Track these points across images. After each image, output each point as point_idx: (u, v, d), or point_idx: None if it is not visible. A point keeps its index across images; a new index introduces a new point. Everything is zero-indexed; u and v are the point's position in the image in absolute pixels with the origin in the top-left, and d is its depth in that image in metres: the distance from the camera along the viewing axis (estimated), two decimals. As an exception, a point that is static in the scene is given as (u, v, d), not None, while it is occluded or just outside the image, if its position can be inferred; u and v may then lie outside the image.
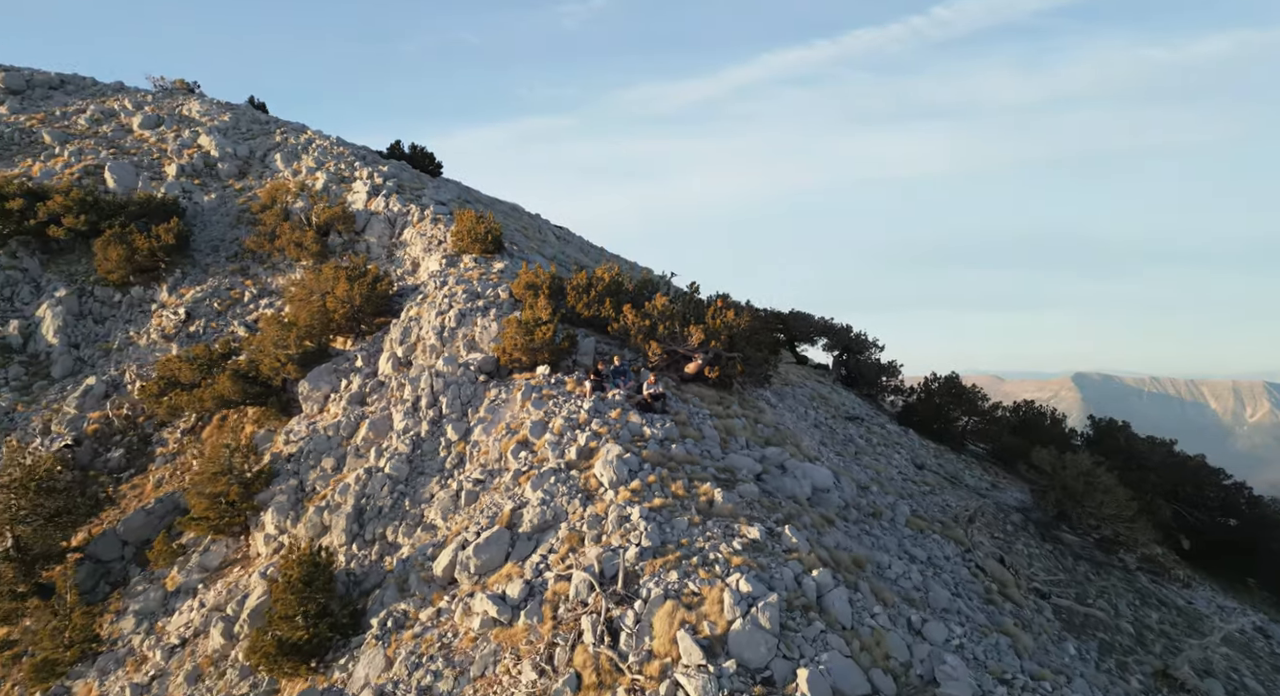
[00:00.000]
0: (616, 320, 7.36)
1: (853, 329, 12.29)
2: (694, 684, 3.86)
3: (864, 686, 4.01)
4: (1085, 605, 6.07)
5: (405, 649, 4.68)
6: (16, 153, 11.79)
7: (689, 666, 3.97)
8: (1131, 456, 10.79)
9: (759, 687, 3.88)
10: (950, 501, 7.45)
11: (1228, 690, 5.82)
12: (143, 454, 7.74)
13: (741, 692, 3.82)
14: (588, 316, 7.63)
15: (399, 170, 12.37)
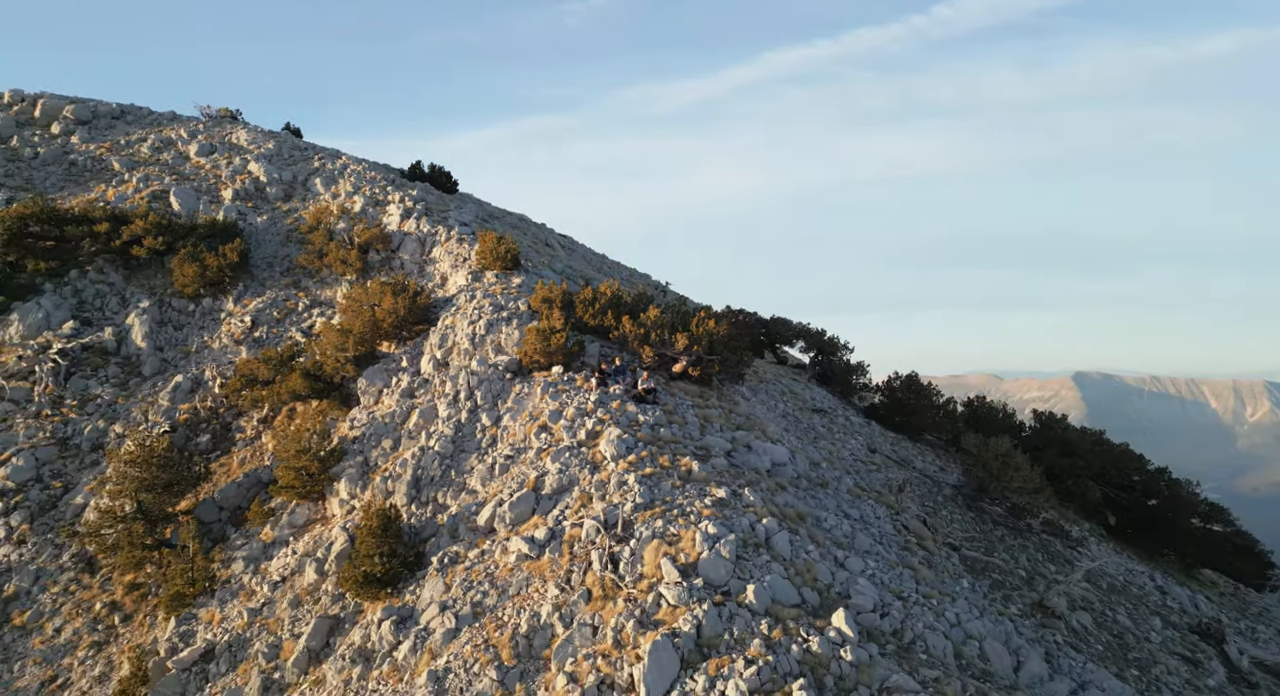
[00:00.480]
0: (617, 328, 8.95)
1: (826, 333, 13.89)
2: (672, 593, 5.46)
3: (795, 598, 5.62)
4: (988, 556, 7.65)
5: (459, 577, 6.29)
6: (90, 179, 13.42)
7: (669, 583, 5.57)
8: (1066, 445, 12.34)
9: (718, 596, 5.48)
10: (893, 477, 9.03)
11: (1098, 622, 7.37)
12: (225, 439, 9.35)
13: (705, 599, 5.42)
14: (593, 325, 9.22)
15: (425, 193, 13.98)
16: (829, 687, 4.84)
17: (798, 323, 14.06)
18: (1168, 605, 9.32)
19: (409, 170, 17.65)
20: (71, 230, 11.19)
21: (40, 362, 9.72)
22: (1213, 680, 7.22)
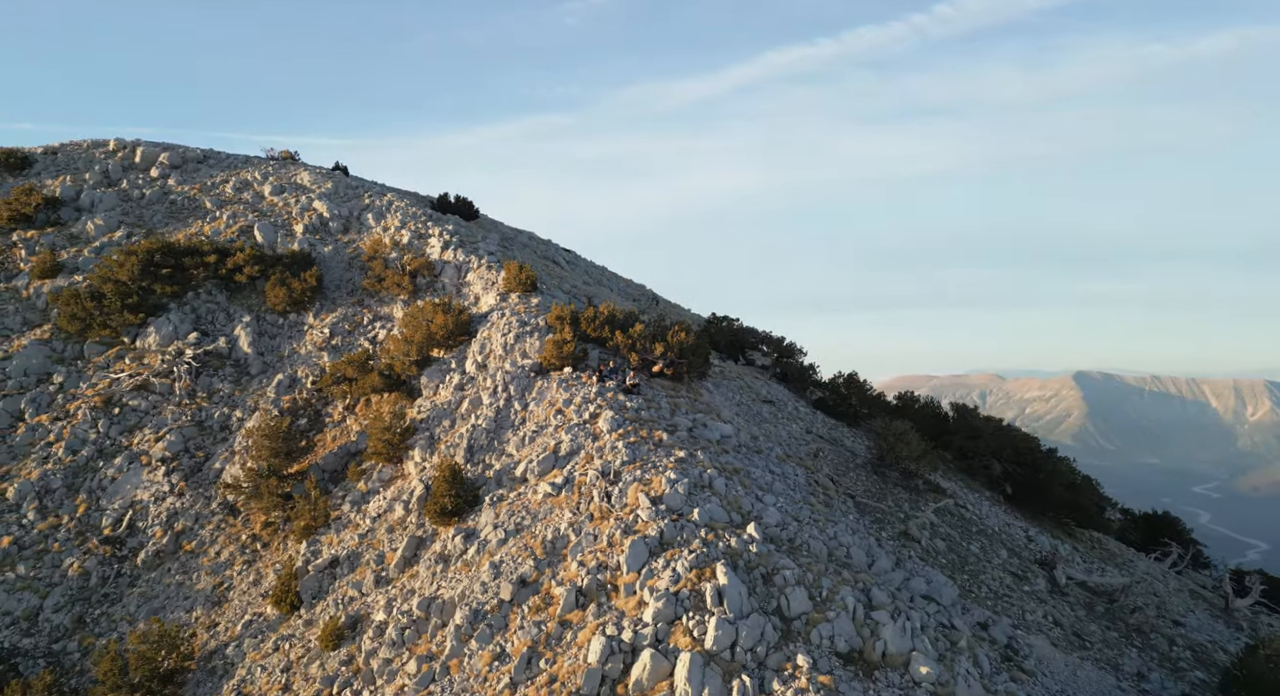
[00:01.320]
0: (612, 339, 12.04)
1: (785, 339, 16.99)
2: (645, 515, 8.55)
3: (725, 518, 8.67)
4: (876, 502, 10.71)
5: (504, 508, 9.39)
6: (187, 215, 16.56)
7: (643, 509, 8.65)
8: (974, 430, 15.37)
9: (674, 516, 8.55)
10: (824, 456, 12.07)
11: (950, 547, 10.38)
12: (318, 422, 12.47)
13: (665, 518, 8.49)
14: (594, 336, 12.31)
15: (458, 226, 17.10)
16: (740, 568, 7.91)
17: (763, 331, 17.17)
18: (1028, 547, 12.35)
19: (437, 201, 20.80)
20: (187, 261, 14.32)
21: (177, 365, 12.84)
22: (1029, 588, 10.26)
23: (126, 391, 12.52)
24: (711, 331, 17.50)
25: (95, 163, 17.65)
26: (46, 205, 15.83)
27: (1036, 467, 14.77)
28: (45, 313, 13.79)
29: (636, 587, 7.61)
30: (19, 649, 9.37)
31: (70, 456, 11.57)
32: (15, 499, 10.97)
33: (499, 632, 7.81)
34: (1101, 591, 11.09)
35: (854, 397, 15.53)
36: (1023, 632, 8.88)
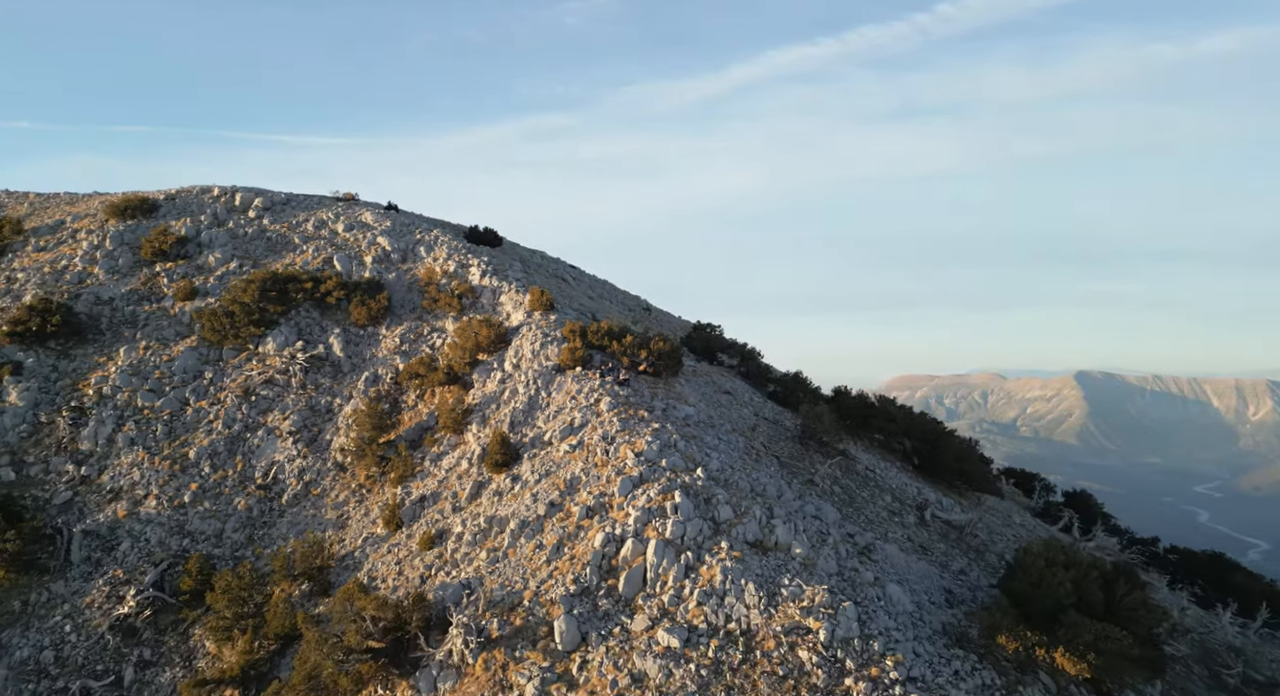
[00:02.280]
0: (610, 346, 16.65)
1: (747, 345, 21.61)
2: (631, 463, 13.21)
3: (683, 465, 13.27)
4: (796, 462, 15.30)
5: (538, 461, 14.02)
6: (281, 249, 21.25)
7: (630, 460, 13.30)
8: (890, 415, 19.87)
9: (649, 463, 13.20)
10: (761, 430, 16.65)
11: (845, 491, 14.93)
12: (396, 407, 17.13)
13: (643, 464, 13.14)
14: (597, 344, 16.91)
15: (491, 256, 21.76)
16: (690, 494, 12.50)
17: (730, 339, 21.85)
18: (915, 497, 16.85)
19: (469, 231, 25.46)
20: (290, 286, 19.02)
21: (291, 365, 17.53)
22: (899, 520, 14.81)
23: (258, 384, 17.22)
24: (691, 339, 22.13)
25: (205, 207, 22.40)
26: (177, 242, 20.54)
27: (936, 444, 19.30)
28: (190, 326, 18.49)
29: (624, 506, 12.25)
30: (214, 555, 14.04)
31: (226, 430, 16.27)
32: (195, 458, 15.69)
33: (538, 533, 12.46)
34: (955, 525, 15.66)
35: (799, 391, 20.13)
36: (881, 542, 13.44)
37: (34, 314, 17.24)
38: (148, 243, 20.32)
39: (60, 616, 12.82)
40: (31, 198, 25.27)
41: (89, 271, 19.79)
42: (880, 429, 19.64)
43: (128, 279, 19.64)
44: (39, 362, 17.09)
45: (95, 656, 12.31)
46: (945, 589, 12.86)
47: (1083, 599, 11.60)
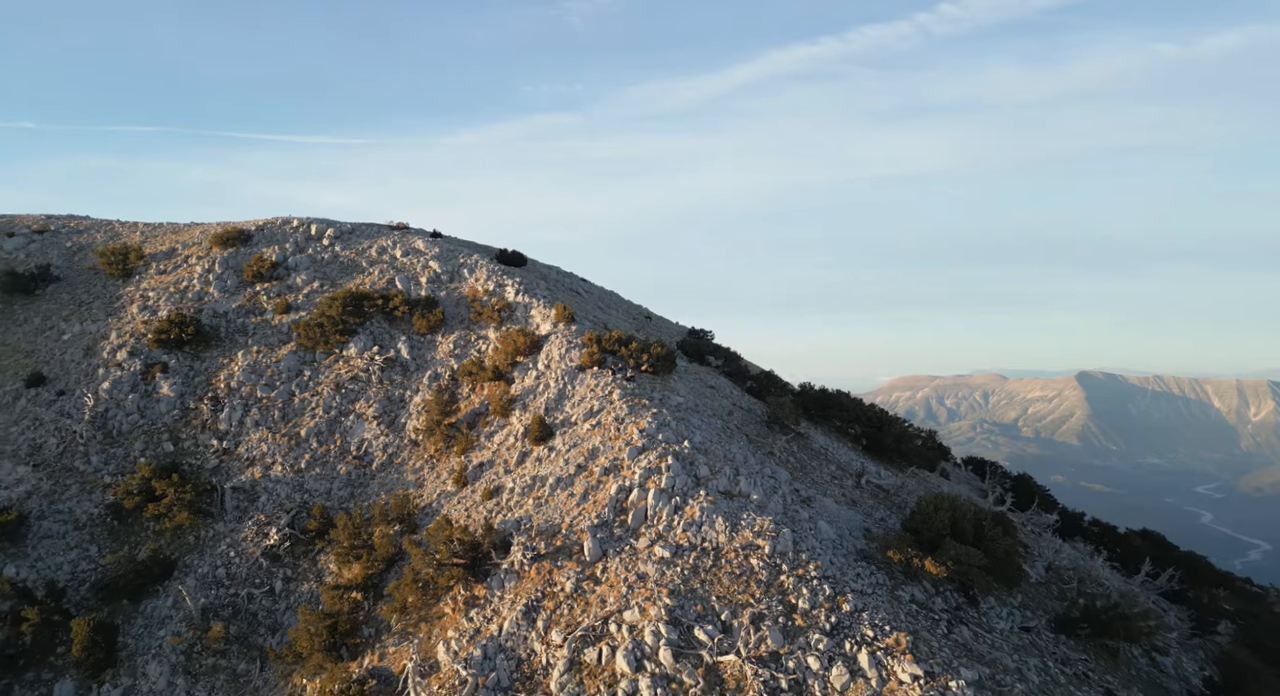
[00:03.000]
0: (619, 351, 21.52)
1: (730, 348, 26.45)
2: (636, 436, 18.12)
3: (675, 439, 18.17)
4: (762, 440, 20.11)
5: (567, 436, 18.90)
6: (353, 271, 26.17)
7: (635, 434, 18.22)
8: (844, 407, 24.68)
9: (649, 438, 18.10)
10: (736, 416, 21.46)
11: (792, 468, 19.66)
12: (454, 398, 22.04)
13: (645, 438, 18.05)
14: (609, 349, 21.79)
15: (521, 276, 26.65)
16: (678, 458, 17.38)
17: (716, 343, 26.72)
18: (855, 469, 21.63)
19: (499, 253, 30.36)
20: (364, 303, 23.95)
21: (371, 365, 22.46)
22: (839, 483, 19.61)
23: (345, 380, 22.16)
24: (685, 343, 27.01)
25: (288, 236, 27.38)
26: (271, 266, 25.51)
27: (880, 428, 24.13)
28: (288, 334, 23.44)
29: (631, 466, 17.12)
30: (327, 506, 18.96)
31: (325, 414, 21.21)
32: (305, 435, 20.65)
33: (569, 486, 17.34)
34: (885, 488, 20.49)
35: (770, 385, 24.99)
36: (820, 496, 18.25)
37: (173, 325, 22.21)
38: (248, 267, 25.31)
39: (225, 546, 17.75)
40: (141, 227, 30.24)
41: (205, 290, 24.80)
42: (835, 416, 24.48)
43: (235, 296, 24.65)
44: (180, 363, 22.08)
45: (253, 574, 17.26)
46: (865, 528, 17.70)
47: (956, 532, 16.48)
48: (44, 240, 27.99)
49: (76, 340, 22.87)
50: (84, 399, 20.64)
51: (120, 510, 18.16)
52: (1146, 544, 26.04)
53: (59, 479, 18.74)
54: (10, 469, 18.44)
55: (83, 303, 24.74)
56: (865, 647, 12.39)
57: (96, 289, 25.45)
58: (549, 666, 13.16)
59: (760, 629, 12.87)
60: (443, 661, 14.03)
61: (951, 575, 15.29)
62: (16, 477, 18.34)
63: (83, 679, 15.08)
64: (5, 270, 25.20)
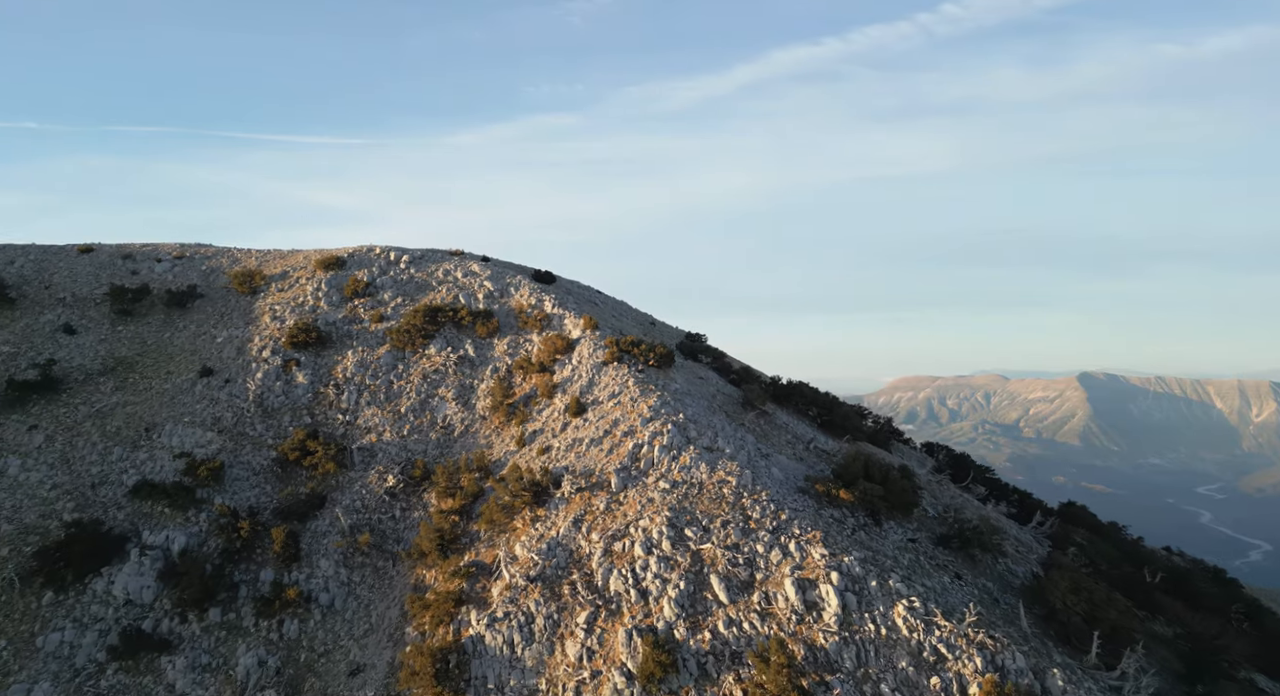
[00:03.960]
0: (632, 351, 29.07)
1: (719, 348, 33.88)
2: (646, 410, 25.79)
3: (674, 412, 25.81)
4: (737, 416, 27.55)
5: (596, 411, 26.45)
6: (425, 289, 33.78)
7: (646, 410, 25.84)
8: (805, 394, 32.09)
9: (655, 411, 25.72)
10: (719, 399, 28.86)
11: (760, 432, 26.94)
12: (510, 385, 29.63)
13: (653, 411, 25.68)
14: (625, 349, 29.33)
15: (555, 292, 34.28)
16: (675, 425, 25.03)
17: (709, 344, 34.22)
18: (806, 438, 29.02)
19: (535, 272, 37.97)
20: (438, 314, 31.59)
21: (447, 362, 30.07)
22: (792, 448, 27.03)
23: (429, 372, 29.79)
24: (682, 344, 34.53)
25: (373, 261, 35.04)
26: (364, 285, 33.17)
27: (831, 410, 31.57)
28: (383, 338, 31.06)
29: (642, 431, 24.70)
30: (426, 461, 26.55)
31: (417, 397, 28.83)
32: (404, 412, 28.29)
33: (599, 444, 24.91)
34: (828, 452, 27.94)
35: (747, 377, 32.49)
36: (776, 453, 25.69)
37: (300, 330, 29.88)
38: (347, 286, 33.00)
39: (358, 487, 25.39)
40: (254, 253, 37.95)
41: (317, 304, 32.49)
42: (797, 400, 31.97)
43: (339, 309, 32.32)
44: (307, 359, 29.75)
45: (380, 505, 24.89)
46: (805, 475, 25.19)
47: (868, 476, 23.97)
48: (183, 264, 35.75)
49: (229, 342, 30.61)
50: (246, 385, 28.38)
51: (285, 462, 25.86)
52: (1063, 509, 33.54)
53: (237, 441, 26.48)
54: (203, 434, 26.20)
55: (224, 314, 32.50)
56: (793, 540, 19.94)
57: (232, 303, 33.22)
58: (590, 554, 20.73)
59: (726, 530, 20.42)
60: (520, 554, 21.61)
61: (859, 502, 22.79)
62: (209, 440, 26.09)
63: (278, 568, 22.77)
64: (164, 289, 32.95)
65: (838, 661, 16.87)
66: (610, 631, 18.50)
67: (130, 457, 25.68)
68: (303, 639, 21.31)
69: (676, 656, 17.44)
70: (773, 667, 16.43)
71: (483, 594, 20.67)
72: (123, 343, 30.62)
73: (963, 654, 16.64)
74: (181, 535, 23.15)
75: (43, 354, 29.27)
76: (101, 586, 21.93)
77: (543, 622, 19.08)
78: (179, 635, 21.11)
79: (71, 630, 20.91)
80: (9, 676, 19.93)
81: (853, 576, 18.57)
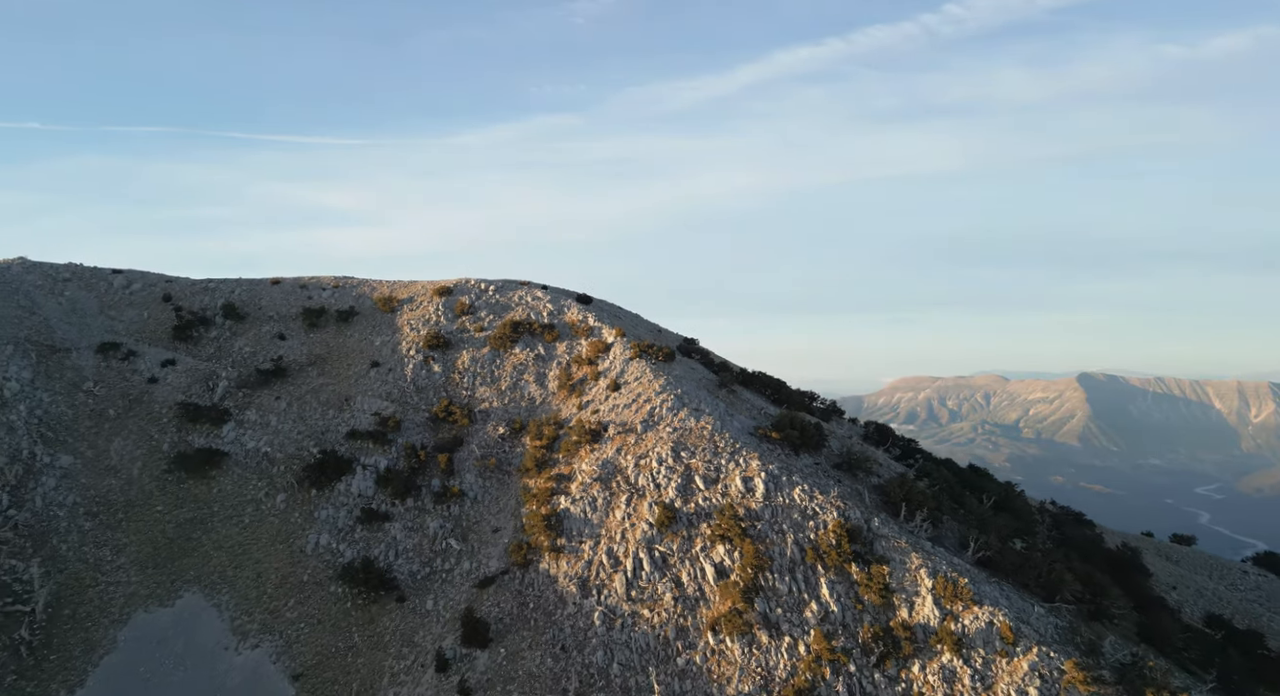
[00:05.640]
0: (648, 351, 45.03)
1: (710, 350, 49.57)
2: (657, 389, 41.99)
3: (673, 390, 41.86)
4: (715, 394, 43.35)
5: (626, 388, 42.50)
6: (507, 310, 49.85)
7: (657, 389, 41.98)
8: (764, 380, 47.65)
9: (661, 389, 41.82)
10: (703, 382, 44.59)
11: (728, 403, 42.50)
12: (570, 374, 45.67)
13: (663, 389, 41.79)
14: (644, 349, 45.29)
15: (595, 310, 50.39)
16: (676, 398, 41.20)
17: (698, 346, 50.06)
18: (763, 408, 44.69)
19: (578, 295, 54.12)
20: (519, 327, 47.72)
21: (527, 357, 46.09)
22: (750, 413, 42.76)
23: (516, 364, 45.86)
24: (681, 346, 50.46)
25: (470, 289, 51.14)
26: (467, 307, 49.28)
27: (780, 391, 47.33)
28: (484, 343, 47.11)
29: (655, 399, 40.77)
30: (522, 420, 42.56)
31: (510, 381, 44.89)
32: (504, 389, 44.33)
33: (629, 407, 40.96)
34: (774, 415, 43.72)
35: (725, 369, 48.29)
36: (739, 415, 41.40)
37: (432, 338, 46.04)
38: (456, 307, 49.16)
39: (481, 433, 41.46)
40: (386, 283, 54.01)
41: (438, 320, 48.60)
42: (758, 384, 47.75)
43: (453, 323, 48.41)
44: (437, 357, 45.88)
45: (496, 443, 41.02)
46: (754, 426, 41.05)
47: (792, 426, 39.96)
48: (340, 292, 51.92)
49: (385, 345, 46.76)
50: (404, 372, 44.57)
51: (435, 419, 42.02)
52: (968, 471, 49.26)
53: (403, 407, 42.67)
54: (382, 403, 42.50)
55: (376, 326, 48.69)
56: (741, 457, 35.95)
57: (379, 319, 49.42)
58: (626, 466, 36.74)
59: (704, 453, 36.39)
60: (585, 468, 37.59)
61: (783, 440, 38.66)
62: (386, 406, 42.34)
63: (443, 477, 38.90)
64: (334, 309, 49.23)
65: (760, 515, 32.87)
66: (639, 505, 34.55)
67: (340, 416, 42.07)
68: (461, 515, 37.57)
69: (675, 515, 33.49)
70: (726, 518, 32.46)
71: (565, 488, 36.76)
72: (316, 345, 47.03)
73: (827, 511, 32.57)
74: (383, 459, 39.45)
75: (271, 352, 45.72)
76: (343, 487, 38.22)
77: (601, 501, 35.19)
78: (392, 512, 37.37)
79: (331, 509, 37.22)
80: (306, 531, 36.29)
81: (773, 475, 34.55)
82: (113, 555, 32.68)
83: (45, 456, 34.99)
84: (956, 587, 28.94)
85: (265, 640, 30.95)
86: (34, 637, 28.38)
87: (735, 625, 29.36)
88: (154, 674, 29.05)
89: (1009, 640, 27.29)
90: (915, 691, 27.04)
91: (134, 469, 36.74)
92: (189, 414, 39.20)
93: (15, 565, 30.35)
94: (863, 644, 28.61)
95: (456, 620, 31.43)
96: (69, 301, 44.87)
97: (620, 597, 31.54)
